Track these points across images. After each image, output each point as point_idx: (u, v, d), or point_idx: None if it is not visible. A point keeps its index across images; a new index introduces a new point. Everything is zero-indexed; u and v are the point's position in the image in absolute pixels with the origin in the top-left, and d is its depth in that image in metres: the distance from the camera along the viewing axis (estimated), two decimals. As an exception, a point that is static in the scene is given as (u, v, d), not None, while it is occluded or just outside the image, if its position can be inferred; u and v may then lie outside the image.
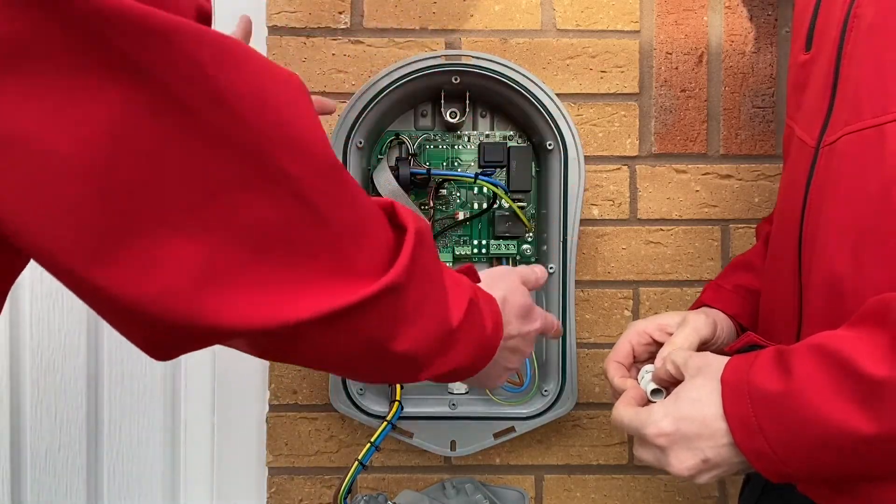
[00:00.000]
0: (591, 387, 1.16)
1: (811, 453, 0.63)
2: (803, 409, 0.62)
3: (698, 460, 0.68)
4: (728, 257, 1.16)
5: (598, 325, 1.16)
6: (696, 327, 0.85)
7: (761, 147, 1.15)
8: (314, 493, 1.16)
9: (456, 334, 0.65)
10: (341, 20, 1.13)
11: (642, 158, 1.16)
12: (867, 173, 0.67)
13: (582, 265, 1.15)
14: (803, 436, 0.63)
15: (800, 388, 0.62)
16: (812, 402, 0.62)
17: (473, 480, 1.13)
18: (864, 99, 0.68)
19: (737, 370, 0.68)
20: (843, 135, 0.69)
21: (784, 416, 0.63)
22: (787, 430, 0.63)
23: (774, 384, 0.64)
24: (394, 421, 1.05)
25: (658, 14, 1.15)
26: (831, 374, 0.61)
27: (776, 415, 0.64)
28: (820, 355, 0.63)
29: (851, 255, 0.68)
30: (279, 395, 1.16)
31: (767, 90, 1.15)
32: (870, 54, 0.68)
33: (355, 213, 0.55)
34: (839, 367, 0.61)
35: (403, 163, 1.06)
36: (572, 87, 1.14)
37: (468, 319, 0.67)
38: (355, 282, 0.54)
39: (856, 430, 0.60)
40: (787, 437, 0.63)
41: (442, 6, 1.14)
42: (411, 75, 1.03)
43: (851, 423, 0.60)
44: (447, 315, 0.64)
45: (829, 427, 0.61)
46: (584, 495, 1.17)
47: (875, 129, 0.66)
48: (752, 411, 0.65)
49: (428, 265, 0.62)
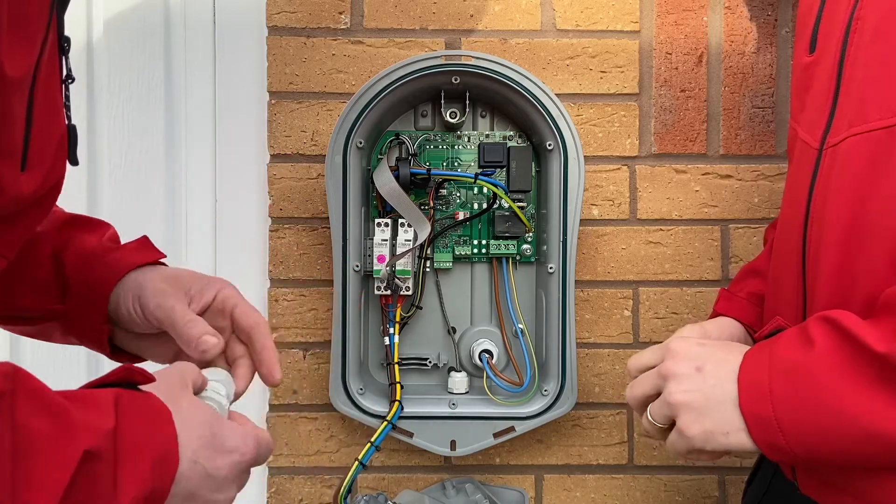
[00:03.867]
0: (591, 387, 1.16)
1: (817, 428, 0.63)
2: (820, 378, 0.62)
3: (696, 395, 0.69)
4: (728, 257, 1.16)
5: (598, 325, 1.16)
6: (703, 324, 0.86)
7: (761, 147, 1.16)
8: (314, 493, 1.16)
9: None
10: (341, 20, 1.14)
11: (642, 158, 1.16)
12: (877, 174, 0.67)
13: (582, 265, 1.15)
14: (814, 407, 0.63)
15: (818, 359, 0.63)
16: (831, 372, 0.62)
17: (473, 480, 1.13)
18: (870, 101, 0.68)
19: (763, 344, 0.69)
20: (847, 136, 0.69)
21: (798, 381, 0.63)
22: (799, 397, 0.63)
23: (794, 353, 0.64)
24: (394, 421, 1.05)
25: (658, 14, 1.15)
26: (844, 350, 0.62)
27: (790, 379, 0.64)
28: (836, 330, 0.63)
29: (858, 255, 0.68)
30: (279, 395, 1.16)
31: (767, 90, 1.15)
32: (874, 57, 0.68)
33: None
34: (851, 342, 0.62)
35: (403, 163, 1.06)
36: (572, 87, 1.14)
37: (74, 489, 0.47)
38: None
39: (868, 414, 0.60)
40: (795, 405, 0.63)
41: (442, 6, 1.14)
42: (411, 75, 1.03)
43: (865, 404, 0.60)
44: (16, 495, 0.45)
45: (843, 403, 0.61)
46: (584, 495, 1.17)
47: (884, 131, 0.66)
48: (767, 376, 0.65)
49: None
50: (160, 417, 0.55)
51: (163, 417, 0.55)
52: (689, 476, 1.17)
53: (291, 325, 1.15)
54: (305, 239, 1.15)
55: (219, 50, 1.17)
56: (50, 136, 0.61)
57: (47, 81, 0.60)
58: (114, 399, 0.53)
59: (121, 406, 0.53)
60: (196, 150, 1.18)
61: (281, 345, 1.15)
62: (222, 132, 1.18)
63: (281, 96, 1.14)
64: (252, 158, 1.17)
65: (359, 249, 1.07)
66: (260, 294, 1.16)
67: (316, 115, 1.14)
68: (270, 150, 1.14)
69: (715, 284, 1.16)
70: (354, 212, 1.06)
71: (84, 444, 0.48)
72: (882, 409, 0.60)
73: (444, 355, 1.14)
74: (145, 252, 0.77)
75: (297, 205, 1.14)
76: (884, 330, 0.61)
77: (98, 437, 0.50)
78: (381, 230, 1.07)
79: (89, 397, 0.53)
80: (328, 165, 1.05)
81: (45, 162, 0.60)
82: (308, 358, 1.15)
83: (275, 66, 1.13)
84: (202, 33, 1.17)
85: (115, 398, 0.53)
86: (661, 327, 1.16)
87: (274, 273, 1.15)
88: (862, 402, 0.61)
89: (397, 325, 1.08)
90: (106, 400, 0.53)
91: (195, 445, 0.56)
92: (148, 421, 0.54)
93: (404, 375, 1.09)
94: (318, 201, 1.14)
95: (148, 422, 0.54)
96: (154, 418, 0.54)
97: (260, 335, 0.74)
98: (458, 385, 1.11)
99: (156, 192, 1.19)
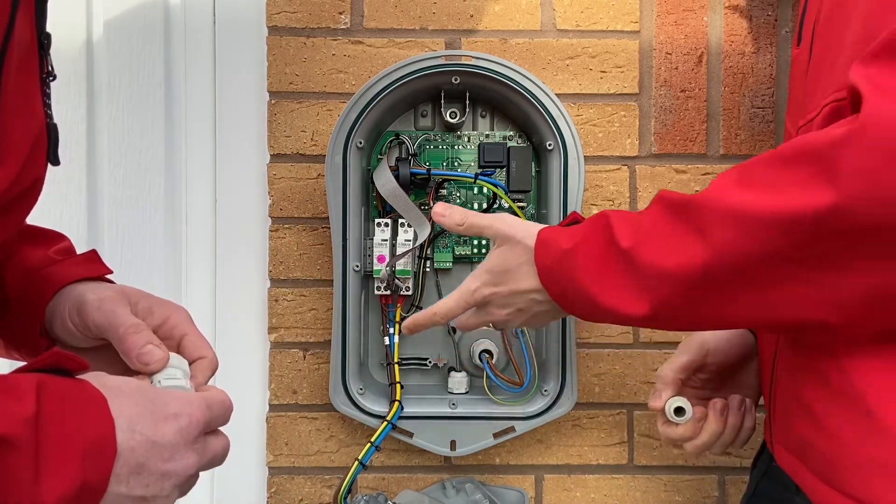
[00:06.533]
0: (590, 387, 1.16)
1: (572, 297, 0.74)
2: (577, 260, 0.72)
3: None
4: (728, 257, 1.16)
5: (597, 325, 1.16)
6: (676, 354, 0.87)
7: (761, 147, 1.16)
8: (314, 492, 1.16)
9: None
10: (341, 20, 1.14)
11: (642, 158, 1.16)
12: None
13: (582, 265, 1.15)
14: (570, 283, 0.73)
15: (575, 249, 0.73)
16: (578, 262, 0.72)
17: (473, 480, 1.13)
18: (813, 92, 0.68)
19: (552, 230, 0.78)
20: (813, 116, 0.67)
21: (563, 265, 0.74)
22: (562, 275, 0.74)
23: (564, 241, 0.74)
24: (394, 421, 1.05)
25: (658, 14, 1.15)
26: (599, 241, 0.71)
27: (561, 263, 0.74)
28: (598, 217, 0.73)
29: None
30: (279, 395, 1.16)
31: (767, 90, 1.15)
32: (822, 45, 0.68)
33: None
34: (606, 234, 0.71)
35: (403, 163, 1.06)
36: (572, 87, 1.14)
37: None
38: None
39: None
40: (559, 279, 0.75)
41: (442, 6, 1.14)
42: (411, 75, 1.04)
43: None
44: None
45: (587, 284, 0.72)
46: (584, 495, 1.17)
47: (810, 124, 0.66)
48: (554, 258, 0.75)
49: None
50: (92, 405, 0.50)
51: (96, 405, 0.50)
52: (689, 476, 1.17)
53: (291, 325, 1.15)
54: (305, 239, 1.15)
55: (219, 50, 1.17)
56: (24, 132, 0.58)
57: (21, 77, 0.57)
58: (35, 384, 0.48)
59: (44, 392, 0.48)
60: (196, 150, 1.18)
61: (281, 345, 1.15)
62: (222, 132, 1.18)
63: (281, 96, 1.14)
64: (252, 158, 1.17)
65: (359, 249, 1.07)
66: (260, 294, 1.16)
67: (316, 115, 1.14)
68: (270, 150, 1.14)
69: (715, 284, 1.16)
70: (354, 212, 1.06)
71: None
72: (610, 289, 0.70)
73: (444, 355, 1.14)
74: (89, 266, 0.71)
75: (297, 205, 1.14)
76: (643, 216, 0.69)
77: (13, 424, 0.45)
78: (381, 230, 1.07)
79: (7, 382, 0.48)
80: (328, 165, 1.05)
81: (19, 159, 0.57)
82: (308, 358, 1.15)
83: (275, 66, 1.13)
84: (202, 33, 1.17)
85: (38, 384, 0.48)
86: (661, 327, 1.16)
87: (274, 273, 1.15)
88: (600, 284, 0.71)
89: (397, 325, 1.08)
90: (26, 385, 0.48)
91: (128, 413, 0.51)
92: (77, 409, 0.49)
93: (404, 375, 1.09)
94: (318, 201, 1.14)
95: (77, 410, 0.49)
96: (85, 406, 0.49)
97: (201, 373, 0.66)
98: (458, 385, 1.11)
99: (156, 192, 1.19)
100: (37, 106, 0.62)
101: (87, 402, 0.50)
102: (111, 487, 0.50)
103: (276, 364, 1.15)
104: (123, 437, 0.50)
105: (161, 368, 0.62)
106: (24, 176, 0.59)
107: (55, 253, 0.72)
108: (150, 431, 0.52)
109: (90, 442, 0.48)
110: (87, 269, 0.70)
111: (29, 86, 0.60)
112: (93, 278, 0.70)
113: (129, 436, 0.51)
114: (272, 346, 1.16)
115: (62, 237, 0.75)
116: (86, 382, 0.52)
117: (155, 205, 1.19)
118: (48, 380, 0.49)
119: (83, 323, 0.66)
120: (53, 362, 0.52)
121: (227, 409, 0.60)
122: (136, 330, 0.63)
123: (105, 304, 0.65)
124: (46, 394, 0.48)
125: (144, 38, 1.17)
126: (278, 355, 1.15)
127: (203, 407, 0.57)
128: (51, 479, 0.46)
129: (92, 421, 0.49)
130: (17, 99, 0.57)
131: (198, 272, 1.19)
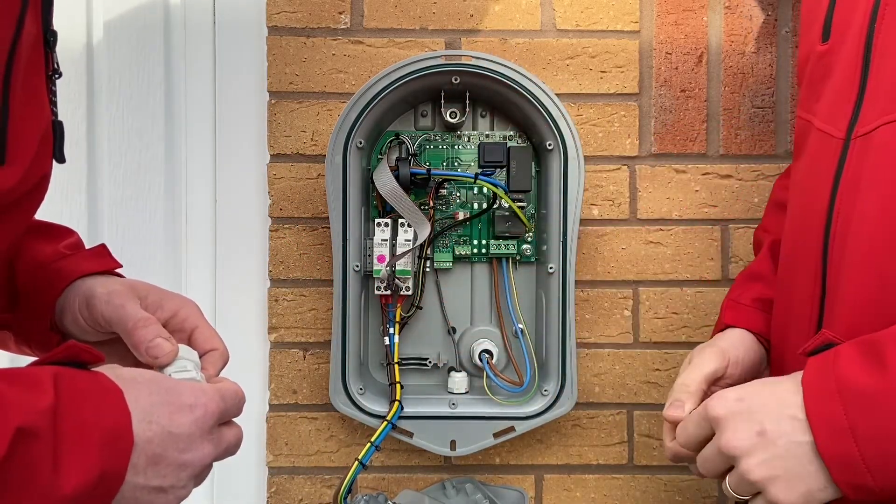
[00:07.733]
0: (590, 387, 1.16)
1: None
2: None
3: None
4: (728, 257, 1.16)
5: (598, 325, 1.16)
6: (698, 364, 0.82)
7: (761, 147, 1.16)
8: (314, 492, 1.16)
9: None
10: (341, 20, 1.14)
11: (642, 158, 1.16)
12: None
13: (582, 265, 1.15)
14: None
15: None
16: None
17: (473, 480, 1.13)
18: (874, 98, 0.66)
19: (820, 368, 0.61)
20: (881, 124, 0.67)
21: (881, 415, 0.57)
22: (885, 430, 0.57)
23: (868, 378, 0.58)
24: (394, 421, 1.05)
25: (658, 14, 1.15)
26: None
27: (871, 413, 0.57)
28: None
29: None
30: (279, 395, 1.16)
31: (767, 90, 1.15)
32: (885, 52, 0.67)
33: None
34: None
35: (403, 163, 1.06)
36: (572, 87, 1.14)
37: (8, 471, 0.44)
38: None
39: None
40: (883, 439, 0.57)
41: (442, 6, 1.14)
42: (411, 75, 1.03)
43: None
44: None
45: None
46: (584, 495, 1.17)
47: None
48: (843, 409, 0.58)
49: None
50: (109, 395, 0.51)
51: (113, 395, 0.51)
52: (689, 476, 1.17)
53: (291, 325, 1.15)
54: (305, 239, 1.15)
55: (219, 50, 1.17)
56: (32, 129, 0.59)
57: (28, 75, 0.58)
58: (53, 376, 0.49)
59: (61, 384, 0.49)
60: (196, 150, 1.18)
61: (281, 345, 1.15)
62: (222, 132, 1.18)
63: (281, 96, 1.14)
64: (252, 158, 1.17)
65: (359, 249, 1.07)
66: (260, 294, 1.16)
67: (316, 115, 1.14)
68: (270, 150, 1.14)
69: (715, 284, 1.16)
70: (354, 212, 1.06)
71: (16, 420, 0.45)
72: None
73: (444, 355, 1.14)
74: (99, 260, 0.72)
75: (297, 205, 1.14)
76: None
77: (34, 415, 0.46)
78: (381, 230, 1.07)
79: (25, 374, 0.49)
80: (328, 165, 1.05)
81: (27, 156, 0.58)
82: (308, 358, 1.15)
83: (275, 66, 1.13)
84: (202, 33, 1.17)
85: (55, 375, 0.49)
86: (662, 327, 1.16)
87: (274, 273, 1.15)
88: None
89: (397, 325, 1.08)
90: (44, 376, 0.49)
91: (144, 404, 0.52)
92: (94, 400, 0.50)
93: (404, 375, 1.09)
94: (318, 201, 1.14)
95: (94, 400, 0.50)
96: (102, 397, 0.50)
97: (212, 365, 0.67)
98: (458, 385, 1.11)
99: (156, 192, 1.19)
100: (43, 103, 0.62)
101: (103, 393, 0.51)
102: (128, 478, 0.50)
103: (276, 364, 1.15)
104: (140, 427, 0.51)
105: (170, 361, 0.63)
106: (33, 172, 0.59)
107: (65, 248, 0.72)
108: (167, 422, 0.53)
109: (107, 432, 0.49)
110: (96, 264, 0.71)
111: (36, 83, 0.60)
112: (102, 272, 0.70)
113: (145, 426, 0.52)
114: (272, 346, 1.16)
115: (71, 232, 0.76)
116: (101, 374, 0.52)
117: (155, 205, 1.19)
118: (65, 371, 0.50)
119: (92, 317, 0.67)
120: (69, 354, 0.52)
121: (241, 400, 0.61)
122: (145, 324, 0.64)
123: (114, 298, 0.66)
124: (64, 385, 0.49)
125: (144, 38, 1.17)
126: (278, 355, 1.15)
127: (217, 398, 0.57)
128: (69, 468, 0.47)
129: (109, 411, 0.50)
130: (25, 96, 0.57)
131: (198, 272, 1.19)
